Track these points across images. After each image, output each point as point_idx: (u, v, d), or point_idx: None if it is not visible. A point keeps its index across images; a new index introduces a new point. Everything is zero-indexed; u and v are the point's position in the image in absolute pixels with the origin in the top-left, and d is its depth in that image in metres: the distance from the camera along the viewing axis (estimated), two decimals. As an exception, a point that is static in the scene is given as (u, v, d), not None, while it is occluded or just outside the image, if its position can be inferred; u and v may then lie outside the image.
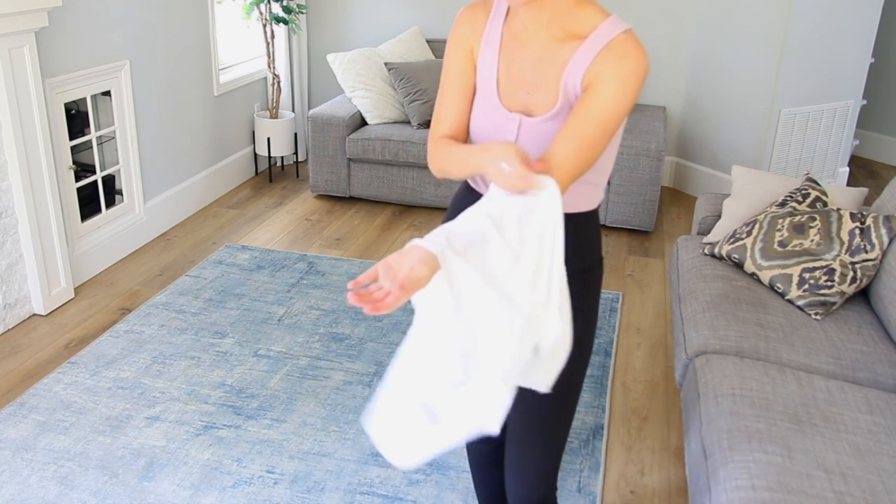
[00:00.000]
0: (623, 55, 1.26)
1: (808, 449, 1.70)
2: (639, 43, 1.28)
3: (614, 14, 1.32)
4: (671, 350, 2.98)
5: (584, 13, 1.31)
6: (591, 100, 1.26)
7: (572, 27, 1.30)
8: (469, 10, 1.43)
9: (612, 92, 1.25)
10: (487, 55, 1.39)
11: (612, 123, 1.27)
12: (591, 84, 1.27)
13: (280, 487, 2.21)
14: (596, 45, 1.28)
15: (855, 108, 4.34)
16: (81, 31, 3.22)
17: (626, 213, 4.02)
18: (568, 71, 1.30)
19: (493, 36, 1.39)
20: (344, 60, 4.35)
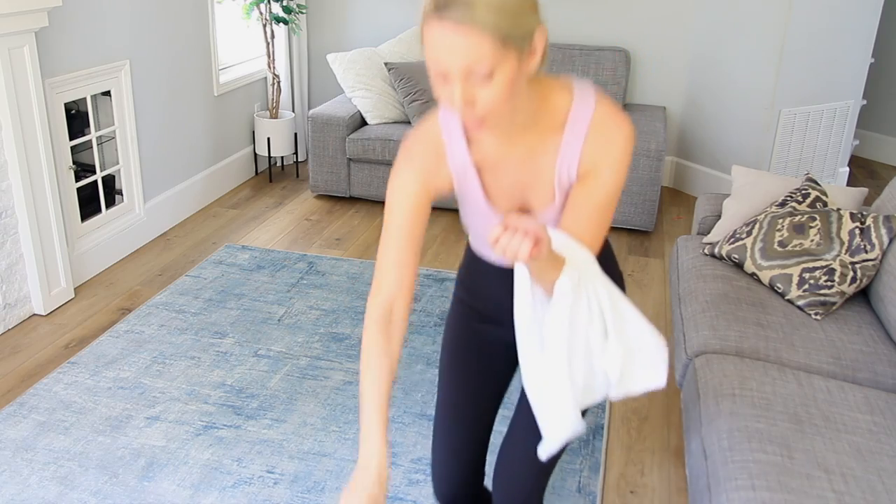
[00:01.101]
0: (611, 136, 1.23)
1: (808, 449, 1.70)
2: (617, 111, 1.25)
3: (574, 82, 1.27)
4: (671, 350, 2.98)
5: (553, 99, 1.24)
6: (591, 188, 1.24)
7: (548, 119, 1.24)
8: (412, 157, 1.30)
9: (611, 175, 1.24)
10: (466, 182, 1.32)
11: (614, 200, 1.27)
12: (588, 174, 1.25)
13: (280, 487, 2.21)
14: (578, 133, 1.23)
15: (855, 108, 4.34)
16: (81, 31, 3.22)
17: (626, 213, 4.02)
18: (559, 166, 1.26)
19: (463, 165, 1.30)
20: (344, 60, 4.35)
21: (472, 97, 1.09)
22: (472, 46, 1.04)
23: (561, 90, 1.24)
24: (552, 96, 1.24)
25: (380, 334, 1.29)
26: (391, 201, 1.31)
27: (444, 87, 1.10)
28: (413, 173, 1.29)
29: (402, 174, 1.30)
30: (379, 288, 1.31)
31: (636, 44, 4.62)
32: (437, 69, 1.09)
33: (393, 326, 1.30)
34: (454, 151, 1.29)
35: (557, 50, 4.50)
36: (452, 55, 1.05)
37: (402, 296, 1.31)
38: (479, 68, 1.05)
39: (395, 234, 1.30)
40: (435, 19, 1.05)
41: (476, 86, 1.08)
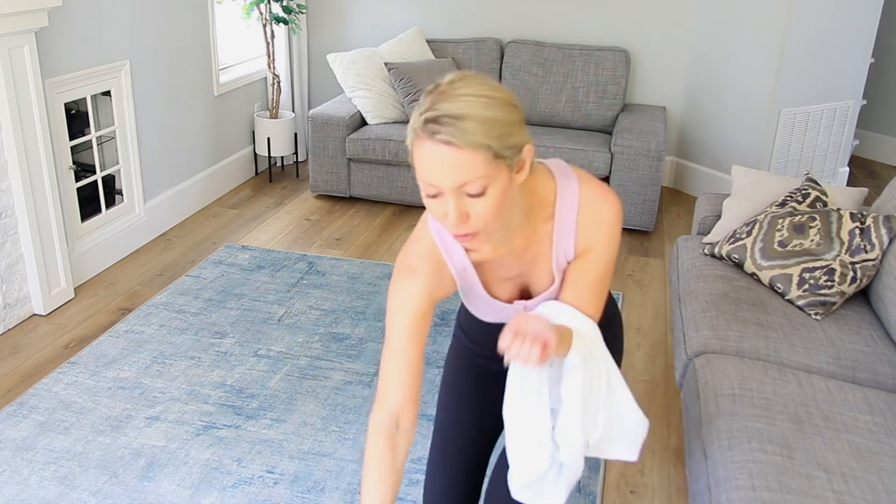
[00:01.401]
0: (600, 216, 1.26)
1: (808, 449, 1.70)
2: (601, 188, 1.27)
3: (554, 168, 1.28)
4: (671, 350, 2.98)
5: (537, 195, 1.25)
6: (588, 265, 1.28)
7: (536, 215, 1.26)
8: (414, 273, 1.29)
9: (605, 252, 1.28)
10: (467, 281, 1.33)
11: (610, 272, 1.31)
12: (584, 252, 1.28)
13: (280, 487, 2.21)
14: (569, 215, 1.26)
15: (855, 108, 4.34)
16: (81, 31, 3.22)
17: (626, 213, 4.02)
18: (555, 252, 1.29)
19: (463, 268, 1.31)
20: (344, 60, 4.35)
21: (466, 212, 1.10)
22: (464, 165, 1.05)
23: (543, 178, 1.26)
24: (537, 188, 1.26)
25: (385, 446, 1.28)
26: (394, 312, 1.29)
27: (436, 204, 1.11)
28: (416, 284, 1.28)
29: (404, 285, 1.28)
30: (384, 400, 1.29)
31: (636, 44, 4.62)
32: (429, 186, 1.09)
33: (399, 437, 1.29)
34: (453, 257, 1.30)
35: (557, 50, 4.50)
36: (445, 174, 1.06)
37: (409, 408, 1.29)
38: (471, 186, 1.07)
39: (400, 344, 1.28)
40: (426, 138, 1.06)
41: (469, 201, 1.09)
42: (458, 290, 1.36)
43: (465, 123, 1.04)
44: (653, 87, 4.68)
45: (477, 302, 1.38)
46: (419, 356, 1.30)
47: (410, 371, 1.29)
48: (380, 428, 1.28)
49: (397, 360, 1.28)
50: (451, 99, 1.06)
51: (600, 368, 1.29)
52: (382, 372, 1.30)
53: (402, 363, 1.28)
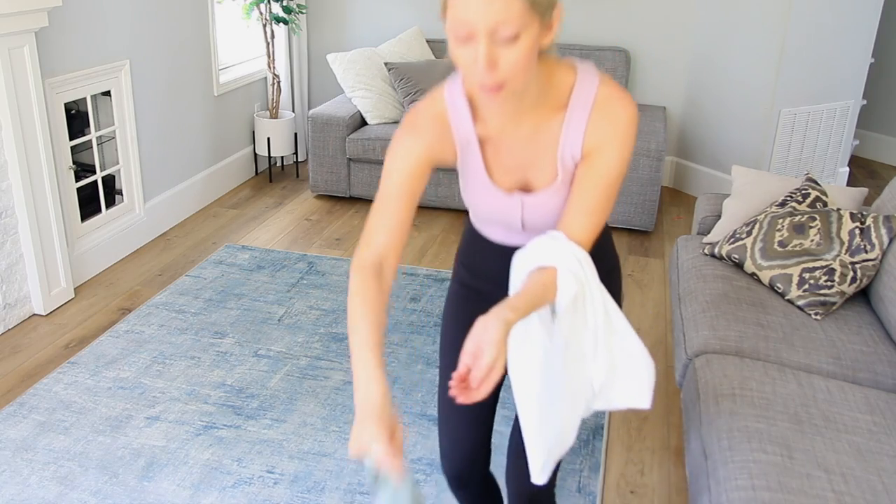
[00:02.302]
0: (615, 115, 1.24)
1: (808, 449, 1.70)
2: (620, 91, 1.26)
3: (578, 62, 1.28)
4: (671, 350, 2.98)
5: (557, 77, 1.26)
6: (596, 168, 1.25)
7: (552, 99, 1.26)
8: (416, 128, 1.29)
9: (615, 155, 1.25)
10: (468, 156, 1.33)
11: (619, 180, 1.27)
12: (592, 153, 1.25)
13: (280, 487, 2.21)
14: (581, 111, 1.25)
15: (855, 108, 4.34)
16: (81, 31, 3.22)
17: (626, 213, 4.02)
18: (562, 145, 1.27)
19: (467, 139, 1.31)
20: (344, 60, 4.35)
21: (495, 59, 1.10)
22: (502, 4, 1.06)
23: (565, 69, 1.26)
24: (556, 75, 1.25)
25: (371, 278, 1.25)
26: (391, 165, 1.29)
27: (465, 49, 1.11)
28: (416, 141, 1.28)
29: (404, 141, 1.29)
30: (368, 244, 1.29)
31: (636, 44, 4.62)
32: (461, 30, 1.10)
33: (382, 278, 1.27)
34: (459, 125, 1.30)
35: (557, 50, 4.48)
36: (481, 12, 1.06)
37: (393, 254, 1.29)
38: (505, 29, 1.07)
39: (393, 194, 1.28)
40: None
41: (499, 48, 1.09)
42: (457, 163, 1.34)
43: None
44: (653, 87, 4.68)
45: (475, 186, 1.36)
46: (409, 212, 1.29)
47: (398, 222, 1.28)
48: (365, 264, 1.27)
49: (387, 210, 1.28)
50: None
51: (596, 305, 1.24)
52: (370, 220, 1.30)
53: (392, 213, 1.28)
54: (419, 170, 1.28)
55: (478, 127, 1.29)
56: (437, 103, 1.31)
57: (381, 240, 1.28)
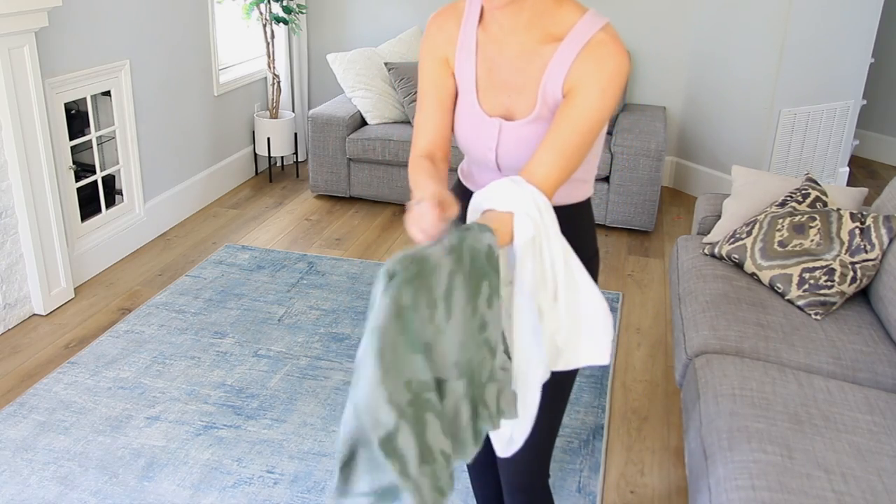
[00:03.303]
0: (603, 57, 1.24)
1: (808, 449, 1.70)
2: (618, 41, 1.26)
3: (592, 9, 1.30)
4: (671, 350, 2.98)
5: (562, 12, 1.28)
6: (572, 108, 1.24)
7: (551, 28, 1.28)
8: (438, 17, 1.41)
9: (594, 98, 1.24)
10: (464, 61, 1.37)
11: (595, 129, 1.26)
12: (572, 90, 1.25)
13: (280, 487, 2.21)
14: (574, 45, 1.25)
15: (855, 108, 4.34)
16: (81, 31, 3.22)
17: (626, 213, 4.02)
18: (547, 75, 1.28)
19: (467, 41, 1.36)
20: (344, 60, 4.35)
21: None
22: None
23: (575, 7, 1.29)
24: (564, 7, 1.29)
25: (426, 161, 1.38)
26: (421, 67, 1.42)
27: None
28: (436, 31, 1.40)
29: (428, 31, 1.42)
30: (416, 145, 1.41)
31: (636, 44, 4.62)
32: None
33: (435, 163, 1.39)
34: (467, 25, 1.36)
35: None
36: None
37: (440, 150, 1.41)
38: None
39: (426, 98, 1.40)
40: None
41: None
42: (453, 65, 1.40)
43: None
44: (653, 87, 4.68)
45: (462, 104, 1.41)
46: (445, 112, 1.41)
47: (436, 124, 1.40)
48: (418, 156, 1.40)
49: (423, 113, 1.41)
50: None
51: (555, 255, 1.20)
52: (416, 122, 1.43)
53: (428, 116, 1.41)
54: (441, 71, 1.39)
55: (480, 32, 1.36)
56: (462, 2, 1.40)
57: (423, 144, 1.41)
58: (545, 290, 1.21)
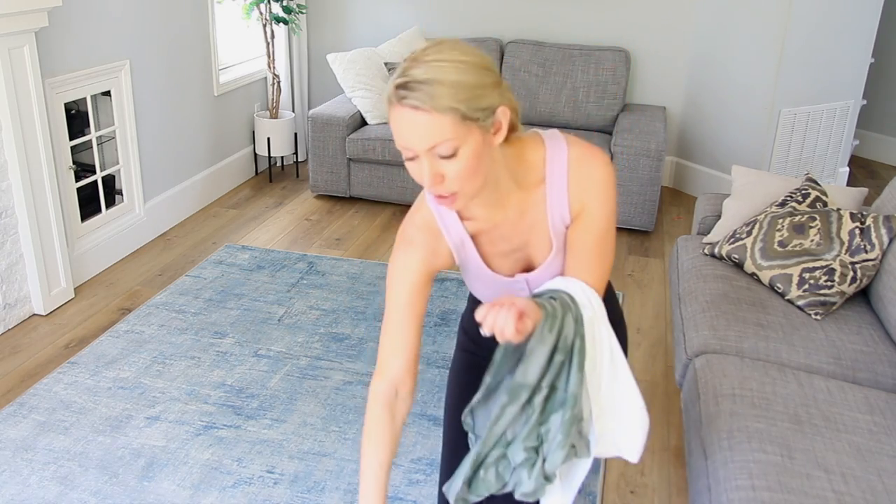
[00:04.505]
0: (590, 171, 1.27)
1: (808, 449, 1.70)
2: (589, 147, 1.29)
3: (544, 134, 1.30)
4: (671, 350, 2.98)
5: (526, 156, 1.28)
6: (584, 227, 1.28)
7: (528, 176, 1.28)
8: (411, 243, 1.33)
9: (601, 211, 1.28)
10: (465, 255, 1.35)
11: (610, 232, 1.30)
12: (580, 214, 1.28)
13: (280, 487, 2.21)
14: (559, 177, 1.27)
15: (855, 108, 4.34)
16: (81, 31, 3.22)
17: (626, 213, 4.02)
18: (550, 216, 1.29)
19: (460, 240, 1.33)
20: (344, 60, 4.35)
21: (441, 173, 1.14)
22: (433, 128, 1.09)
23: (533, 144, 1.29)
24: (526, 152, 1.28)
25: (384, 411, 1.32)
26: (393, 284, 1.33)
27: (414, 166, 1.15)
28: (414, 255, 1.32)
29: (402, 257, 1.33)
30: (383, 371, 1.34)
31: (636, 44, 4.62)
32: (404, 150, 1.14)
33: (398, 403, 1.34)
34: (449, 228, 1.32)
35: (557, 50, 4.50)
36: (416, 137, 1.11)
37: (408, 378, 1.34)
38: (442, 148, 1.11)
39: (398, 315, 1.32)
40: (397, 104, 1.11)
41: (443, 163, 1.13)
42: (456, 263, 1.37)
43: (432, 88, 1.08)
44: (653, 87, 4.68)
45: (477, 278, 1.39)
46: (417, 327, 1.34)
47: (409, 342, 1.33)
48: (379, 395, 1.33)
49: (396, 331, 1.33)
50: (421, 65, 1.10)
51: (603, 344, 1.25)
52: (382, 342, 1.35)
53: (401, 333, 1.32)
54: (419, 285, 1.32)
55: (467, 225, 1.32)
56: (424, 211, 1.33)
57: (396, 365, 1.33)
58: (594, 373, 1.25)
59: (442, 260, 1.34)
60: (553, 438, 1.22)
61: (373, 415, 1.33)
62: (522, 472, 1.25)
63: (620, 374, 1.27)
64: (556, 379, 1.20)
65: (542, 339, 1.17)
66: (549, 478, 1.24)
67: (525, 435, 1.22)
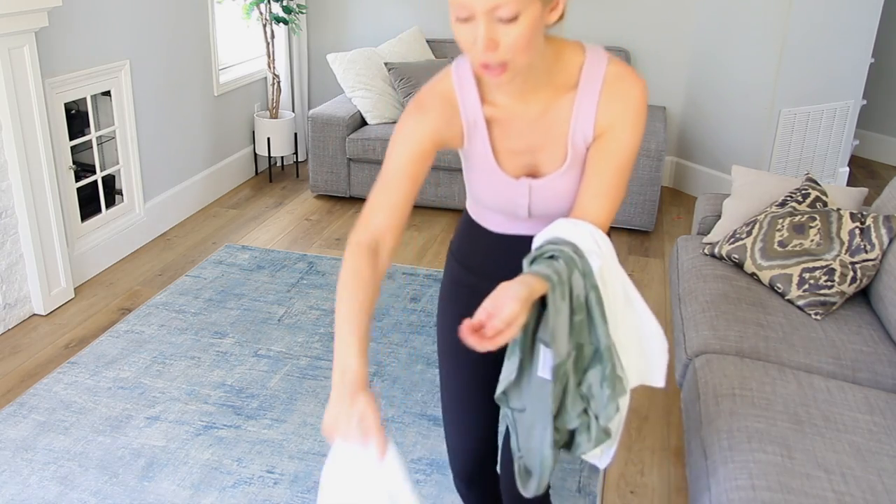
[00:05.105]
0: (626, 93, 1.23)
1: (808, 449, 1.70)
2: (629, 68, 1.25)
3: (587, 44, 1.27)
4: (671, 350, 2.98)
5: (564, 59, 1.24)
6: (608, 150, 1.23)
7: (560, 79, 1.25)
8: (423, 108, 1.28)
9: (628, 135, 1.23)
10: (475, 139, 1.30)
11: (631, 163, 1.26)
12: (605, 132, 1.24)
13: (280, 487, 2.21)
14: (593, 89, 1.23)
15: (855, 108, 4.34)
16: (81, 31, 3.22)
17: (626, 213, 4.02)
18: (574, 126, 1.25)
19: (474, 120, 1.29)
20: (344, 60, 4.35)
21: (496, 39, 1.09)
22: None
23: (574, 49, 1.25)
24: (565, 54, 1.24)
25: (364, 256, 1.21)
26: (395, 146, 1.26)
27: (466, 28, 1.11)
28: (423, 121, 1.26)
29: (411, 122, 1.27)
30: (366, 224, 1.24)
31: (636, 43, 4.62)
32: (460, 11, 1.10)
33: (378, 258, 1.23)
34: (466, 105, 1.28)
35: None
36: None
37: (391, 236, 1.25)
38: (504, 10, 1.07)
39: (395, 175, 1.25)
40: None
41: (499, 28, 1.09)
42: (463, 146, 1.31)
43: None
44: (653, 87, 4.68)
45: (481, 171, 1.33)
46: (410, 193, 1.26)
47: (399, 203, 1.25)
48: (361, 243, 1.22)
49: (388, 190, 1.25)
50: None
51: (616, 286, 1.22)
52: (370, 199, 1.26)
53: (393, 194, 1.24)
54: (423, 152, 1.26)
55: (485, 108, 1.28)
56: (445, 82, 1.29)
57: (380, 220, 1.24)
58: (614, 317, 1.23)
59: (451, 134, 1.29)
60: (599, 394, 1.20)
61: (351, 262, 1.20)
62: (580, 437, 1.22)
63: (637, 306, 1.24)
64: (580, 337, 1.18)
65: (559, 311, 1.14)
66: (608, 432, 1.22)
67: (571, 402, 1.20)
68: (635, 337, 1.26)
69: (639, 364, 1.27)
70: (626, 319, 1.24)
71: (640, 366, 1.28)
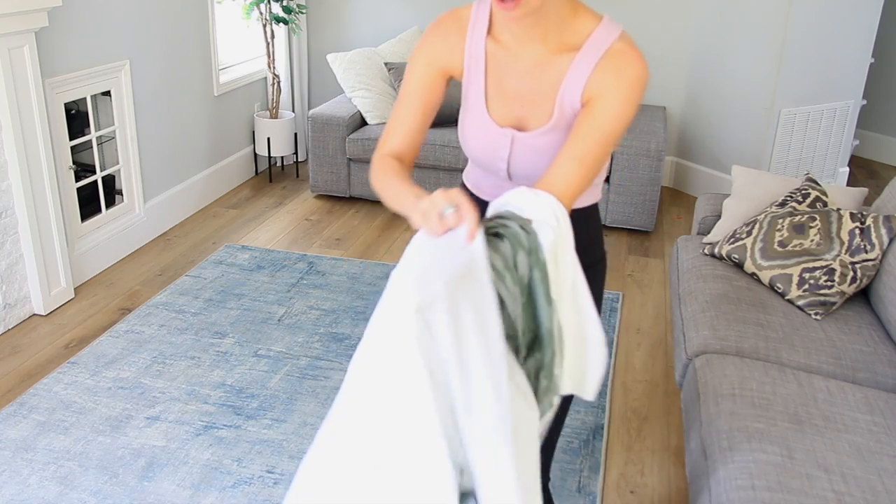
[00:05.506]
0: (622, 66, 1.23)
1: (808, 449, 1.70)
2: (636, 49, 1.26)
3: (606, 16, 1.28)
4: (671, 350, 2.98)
5: (578, 21, 1.26)
6: (592, 117, 1.23)
7: (567, 38, 1.26)
8: (441, 27, 1.36)
9: (614, 107, 1.23)
10: (473, 72, 1.34)
11: (614, 138, 1.24)
12: (592, 100, 1.24)
13: (280, 487, 2.21)
14: (592, 55, 1.24)
15: (855, 108, 4.34)
16: (81, 31, 3.22)
17: (626, 213, 4.02)
18: (564, 86, 1.26)
19: (475, 52, 1.33)
20: (344, 60, 4.35)
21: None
22: None
23: (590, 16, 1.29)
24: (580, 17, 1.27)
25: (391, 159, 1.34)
26: (410, 69, 1.37)
27: None
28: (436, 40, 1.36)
29: (426, 40, 1.37)
30: (384, 146, 1.37)
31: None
32: None
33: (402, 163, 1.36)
34: (474, 34, 1.33)
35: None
36: None
37: (409, 153, 1.37)
38: None
39: (408, 101, 1.36)
40: None
41: None
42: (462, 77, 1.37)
43: None
44: (653, 87, 4.68)
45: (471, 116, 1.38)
46: (424, 119, 1.37)
47: (411, 129, 1.36)
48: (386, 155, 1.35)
49: (401, 116, 1.36)
50: None
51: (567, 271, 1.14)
52: (389, 124, 1.38)
53: (405, 119, 1.36)
54: (434, 78, 1.35)
55: (489, 41, 1.32)
56: (465, 10, 1.36)
57: (394, 143, 1.36)
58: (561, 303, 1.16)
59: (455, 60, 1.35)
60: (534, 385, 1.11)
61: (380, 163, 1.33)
62: None
63: (582, 306, 1.17)
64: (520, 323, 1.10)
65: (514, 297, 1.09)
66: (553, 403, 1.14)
67: None
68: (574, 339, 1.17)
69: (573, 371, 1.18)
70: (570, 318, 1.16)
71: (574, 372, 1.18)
